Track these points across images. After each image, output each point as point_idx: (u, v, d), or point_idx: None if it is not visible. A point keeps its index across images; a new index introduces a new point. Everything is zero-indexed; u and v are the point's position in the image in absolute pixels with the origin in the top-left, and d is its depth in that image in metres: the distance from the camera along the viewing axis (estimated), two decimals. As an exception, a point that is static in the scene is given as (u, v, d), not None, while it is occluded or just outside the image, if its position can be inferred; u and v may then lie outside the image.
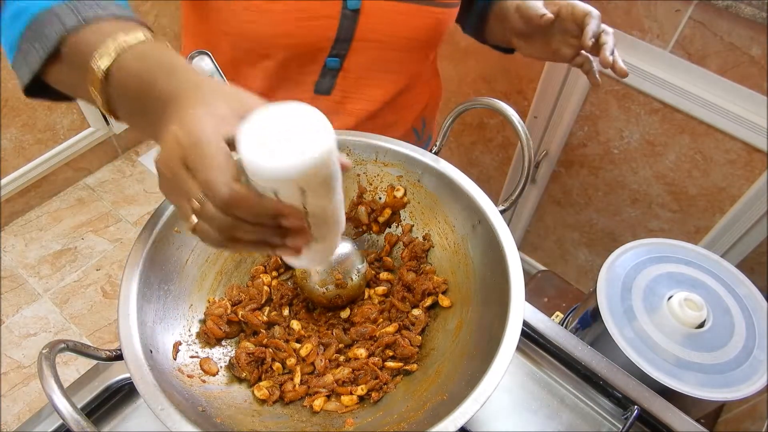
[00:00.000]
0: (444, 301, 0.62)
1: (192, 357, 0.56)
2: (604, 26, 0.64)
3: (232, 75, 0.67)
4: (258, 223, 0.35)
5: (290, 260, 0.45)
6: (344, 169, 0.38)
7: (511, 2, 0.71)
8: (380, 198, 0.68)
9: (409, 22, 0.64)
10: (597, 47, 0.64)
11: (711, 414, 0.88)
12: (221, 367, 0.57)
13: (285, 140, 0.33)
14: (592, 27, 0.62)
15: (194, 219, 0.35)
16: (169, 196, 0.37)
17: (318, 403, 0.56)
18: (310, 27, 0.61)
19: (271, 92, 0.68)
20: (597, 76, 0.67)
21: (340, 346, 0.61)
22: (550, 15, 0.63)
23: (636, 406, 0.63)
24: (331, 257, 0.46)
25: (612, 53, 0.62)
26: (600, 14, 0.63)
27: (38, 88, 0.44)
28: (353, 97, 0.71)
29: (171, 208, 0.56)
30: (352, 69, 0.67)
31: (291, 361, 0.58)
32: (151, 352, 0.49)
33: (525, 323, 0.69)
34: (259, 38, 0.61)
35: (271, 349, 0.58)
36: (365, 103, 0.72)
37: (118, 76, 0.39)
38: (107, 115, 0.42)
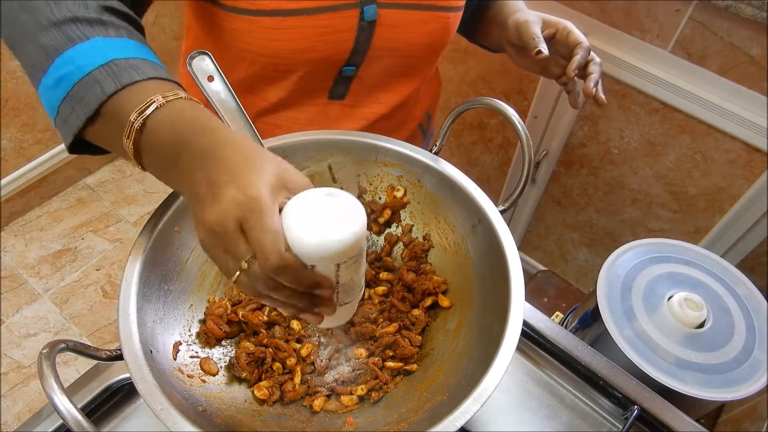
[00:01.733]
0: (444, 301, 0.62)
1: (192, 357, 0.56)
2: (593, 56, 0.67)
3: (249, 88, 0.68)
4: (294, 289, 0.39)
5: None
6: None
7: (510, 16, 0.71)
8: (380, 198, 0.68)
9: (422, 29, 0.65)
10: (584, 73, 0.67)
11: (711, 414, 0.88)
12: (221, 367, 0.57)
13: (327, 222, 0.38)
14: (578, 59, 0.65)
15: (236, 275, 0.38)
16: (214, 251, 0.40)
17: (318, 403, 0.56)
18: (329, 41, 0.62)
19: (287, 100, 0.69)
20: (578, 99, 0.69)
21: (340, 346, 0.61)
22: (545, 53, 0.64)
23: (636, 406, 0.63)
24: (348, 318, 0.51)
25: (596, 84, 0.65)
26: (589, 46, 0.66)
27: (80, 145, 0.47)
28: (366, 101, 0.72)
29: (172, 209, 0.56)
30: (366, 76, 0.68)
31: (291, 361, 0.58)
32: (151, 352, 0.49)
33: (525, 323, 0.69)
34: (280, 55, 0.62)
35: (271, 349, 0.58)
36: (378, 107, 0.73)
37: (153, 129, 0.42)
38: (136, 166, 0.45)
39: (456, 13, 0.68)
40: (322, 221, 0.38)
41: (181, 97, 0.43)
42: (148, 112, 0.41)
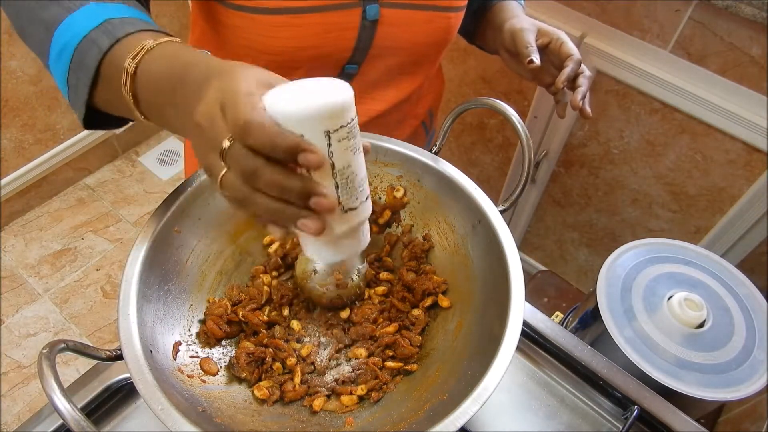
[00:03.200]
0: (444, 302, 0.62)
1: (192, 357, 0.56)
2: (583, 68, 0.67)
3: None
4: (278, 167, 0.35)
5: (320, 251, 0.41)
6: (365, 150, 0.39)
7: (506, 21, 0.72)
8: (380, 198, 0.68)
9: (423, 28, 0.66)
10: (573, 85, 0.67)
11: (711, 414, 0.88)
12: (221, 367, 0.57)
13: (310, 92, 0.35)
14: (567, 71, 0.65)
15: (222, 172, 0.35)
16: (202, 152, 0.38)
17: (318, 403, 0.56)
18: (331, 39, 0.62)
19: None
20: (565, 110, 0.70)
21: (340, 346, 0.61)
22: (536, 63, 0.65)
23: (636, 406, 0.63)
24: (365, 242, 0.43)
25: (583, 97, 0.66)
26: (580, 59, 0.67)
27: (94, 120, 0.48)
28: (367, 98, 0.72)
29: (172, 209, 0.56)
30: (368, 74, 0.69)
31: (291, 361, 0.58)
32: (151, 352, 0.49)
33: (525, 323, 0.69)
34: (281, 52, 0.62)
35: (271, 349, 0.58)
36: (380, 104, 0.73)
37: (146, 71, 0.42)
38: (139, 116, 0.44)
39: (458, 13, 0.68)
40: (306, 92, 0.35)
41: (172, 40, 0.44)
42: (141, 56, 0.42)
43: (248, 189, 0.35)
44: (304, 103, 0.34)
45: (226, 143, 0.35)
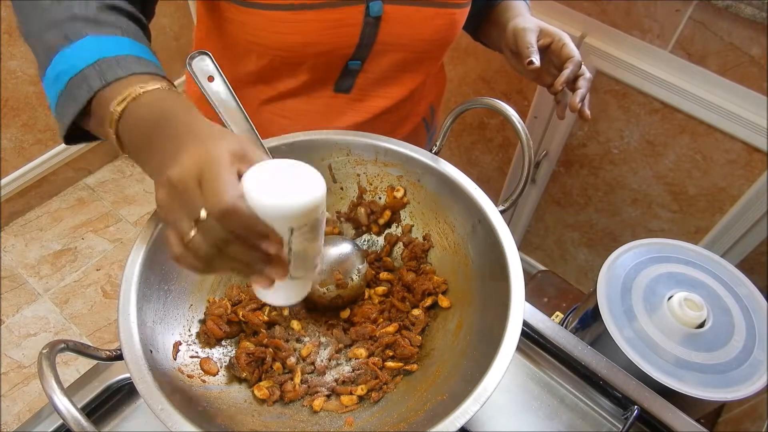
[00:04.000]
0: (444, 302, 0.62)
1: (192, 357, 0.56)
2: (584, 70, 0.67)
3: (257, 79, 0.69)
4: (247, 243, 0.39)
5: (264, 296, 0.47)
6: (328, 223, 0.44)
7: (510, 20, 0.72)
8: (380, 198, 0.68)
9: (428, 25, 0.66)
10: (573, 87, 0.67)
11: (711, 414, 0.88)
12: (221, 367, 0.57)
13: (285, 186, 0.39)
14: (567, 72, 0.66)
15: (191, 234, 0.38)
16: (170, 210, 0.40)
17: (318, 403, 0.56)
18: (335, 35, 0.62)
19: (293, 92, 0.70)
20: (565, 112, 0.70)
21: (340, 346, 0.61)
22: (536, 65, 0.65)
23: (636, 406, 0.63)
24: (303, 297, 0.49)
25: (582, 99, 0.66)
26: (581, 61, 0.67)
27: (73, 136, 0.51)
28: (371, 95, 0.72)
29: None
30: (371, 70, 0.69)
31: (291, 361, 0.58)
32: (151, 352, 0.49)
33: (525, 323, 0.69)
34: (286, 48, 0.63)
35: (271, 349, 0.58)
36: (383, 101, 0.73)
37: (129, 118, 0.45)
38: (122, 153, 0.48)
39: (462, 10, 0.68)
40: (280, 185, 0.39)
41: (158, 88, 0.46)
42: (126, 102, 0.45)
43: (214, 252, 0.39)
44: (277, 201, 0.38)
45: (203, 214, 0.37)
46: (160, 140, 0.43)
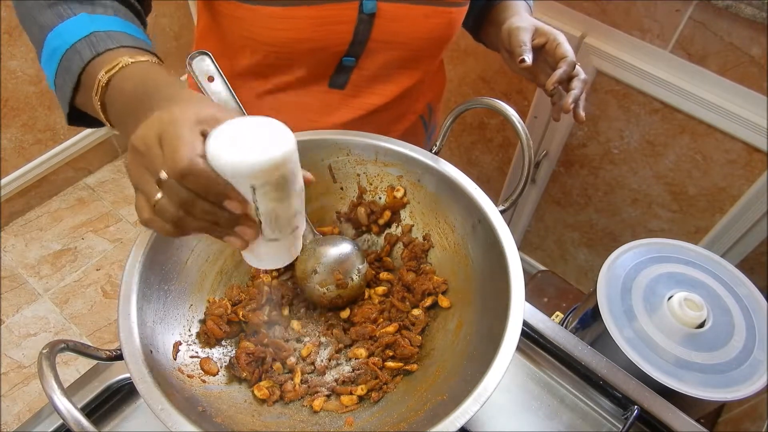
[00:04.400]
0: (444, 302, 0.62)
1: (192, 357, 0.56)
2: (578, 70, 0.67)
3: (252, 74, 0.70)
4: (211, 203, 0.38)
5: (250, 258, 0.46)
6: (307, 182, 0.43)
7: (507, 20, 0.72)
8: (380, 198, 0.68)
9: (423, 23, 0.66)
10: (568, 87, 0.67)
11: (711, 414, 0.88)
12: (221, 367, 0.57)
13: (247, 142, 0.38)
14: (559, 72, 0.65)
15: (157, 196, 0.38)
16: (135, 172, 0.40)
17: (318, 403, 0.56)
18: (328, 32, 0.62)
19: (288, 87, 0.70)
20: (559, 114, 0.70)
21: (340, 346, 0.61)
22: (527, 63, 0.65)
23: (636, 406, 0.63)
24: (291, 259, 0.47)
25: (575, 100, 0.66)
26: (575, 61, 0.66)
27: (77, 117, 0.52)
28: (366, 92, 0.72)
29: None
30: (366, 67, 0.69)
31: (291, 361, 0.58)
32: (151, 352, 0.49)
33: (525, 323, 0.69)
34: (281, 43, 0.63)
35: (271, 349, 0.58)
36: (378, 98, 0.73)
37: (116, 86, 0.46)
38: (104, 122, 0.49)
39: (460, 9, 0.68)
40: (242, 143, 0.37)
41: (147, 60, 0.47)
42: (114, 71, 0.46)
43: (182, 213, 0.39)
44: (232, 157, 0.37)
45: (164, 174, 0.37)
46: (140, 110, 0.43)
